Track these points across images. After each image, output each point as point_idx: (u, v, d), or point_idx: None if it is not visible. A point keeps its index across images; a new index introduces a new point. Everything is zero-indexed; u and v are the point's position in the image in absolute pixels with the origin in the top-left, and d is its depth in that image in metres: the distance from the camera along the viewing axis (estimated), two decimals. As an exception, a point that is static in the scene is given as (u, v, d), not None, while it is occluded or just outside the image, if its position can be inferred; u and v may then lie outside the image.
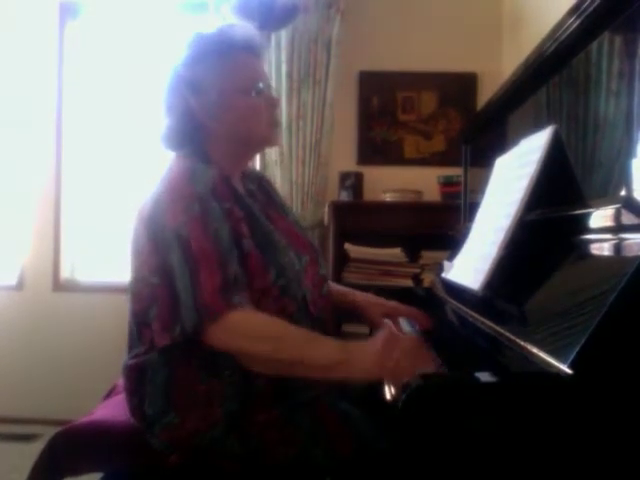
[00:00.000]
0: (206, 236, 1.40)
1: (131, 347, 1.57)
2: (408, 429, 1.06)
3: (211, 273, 1.37)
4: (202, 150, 1.60)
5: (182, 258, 1.38)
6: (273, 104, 1.67)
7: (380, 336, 1.44)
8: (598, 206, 1.26)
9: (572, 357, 0.98)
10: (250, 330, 1.40)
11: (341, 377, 1.39)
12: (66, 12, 3.99)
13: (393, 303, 1.91)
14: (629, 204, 1.14)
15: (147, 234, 1.46)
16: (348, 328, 3.33)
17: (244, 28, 1.63)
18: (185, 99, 1.58)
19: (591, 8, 1.31)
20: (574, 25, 1.41)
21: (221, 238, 1.43)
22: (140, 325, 1.52)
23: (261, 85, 1.63)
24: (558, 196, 1.50)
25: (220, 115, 1.59)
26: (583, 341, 0.98)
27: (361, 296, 1.91)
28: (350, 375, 1.38)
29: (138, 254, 1.50)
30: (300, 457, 1.44)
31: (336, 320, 1.89)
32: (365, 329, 2.95)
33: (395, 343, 1.40)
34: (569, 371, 0.98)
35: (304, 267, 1.62)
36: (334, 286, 1.95)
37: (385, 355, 1.37)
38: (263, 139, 1.68)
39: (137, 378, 1.51)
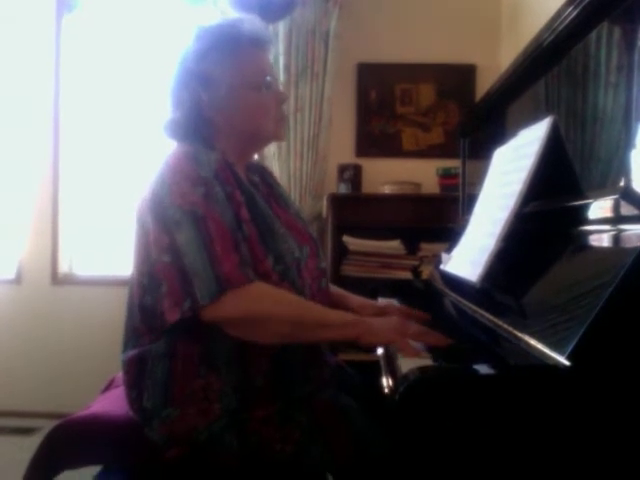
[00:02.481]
0: (218, 216, 1.43)
1: (127, 340, 1.57)
2: (405, 422, 1.06)
3: (228, 250, 1.41)
4: (208, 142, 1.59)
5: (195, 235, 1.40)
6: (282, 99, 1.69)
7: (395, 316, 1.62)
8: (596, 197, 1.26)
9: (570, 349, 0.98)
10: (274, 294, 1.46)
11: (359, 334, 1.45)
12: (62, 5, 3.97)
13: (384, 303, 1.92)
14: (627, 195, 1.13)
15: (152, 214, 1.46)
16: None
17: (252, 22, 1.63)
18: (195, 93, 1.58)
19: (589, -2, 1.31)
20: (572, 15, 1.40)
21: (228, 220, 1.44)
22: (143, 312, 1.51)
23: (269, 79, 1.63)
24: (556, 187, 1.50)
25: (229, 110, 1.60)
26: (581, 333, 0.98)
27: (355, 300, 1.89)
28: (367, 333, 1.46)
29: (145, 235, 1.49)
30: (298, 454, 1.43)
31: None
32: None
33: (409, 322, 1.54)
34: (567, 363, 0.97)
35: (305, 259, 1.62)
36: (333, 288, 1.95)
37: (402, 325, 1.48)
38: (271, 134, 1.68)
39: (137, 371, 1.51)
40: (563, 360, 0.98)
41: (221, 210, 1.44)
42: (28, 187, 3.99)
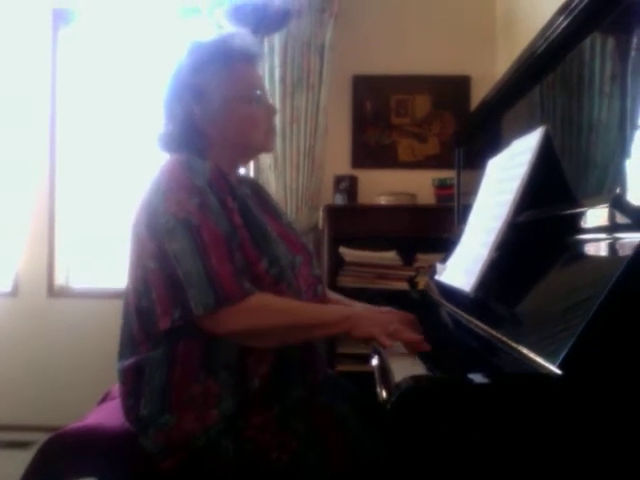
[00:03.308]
0: (213, 226, 1.44)
1: (123, 349, 1.57)
2: (399, 431, 1.06)
3: (223, 261, 1.42)
4: (201, 154, 1.61)
5: (189, 244, 1.41)
6: (272, 112, 1.72)
7: (377, 308, 1.74)
8: (587, 206, 1.27)
9: (562, 358, 0.98)
10: (270, 305, 1.48)
11: (349, 328, 1.49)
12: (59, 18, 3.98)
13: (386, 309, 1.92)
14: (617, 204, 1.14)
15: (145, 221, 1.48)
16: (342, 349, 3.34)
17: (243, 37, 1.67)
18: (188, 106, 1.61)
19: (580, 7, 1.32)
20: (564, 24, 1.42)
21: (223, 228, 1.46)
22: (140, 317, 1.52)
23: (259, 92, 1.67)
24: (548, 197, 1.50)
25: (222, 122, 1.62)
26: (572, 342, 0.98)
27: (357, 306, 1.90)
28: (355, 327, 1.49)
29: (138, 241, 1.51)
30: (295, 462, 1.44)
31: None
32: (359, 349, 2.99)
33: (396, 320, 1.58)
34: (559, 372, 0.97)
35: (298, 267, 1.63)
36: (334, 295, 1.96)
37: (386, 322, 1.52)
38: (261, 146, 1.71)
39: (134, 379, 1.51)
40: (555, 369, 0.98)
41: (216, 219, 1.45)
42: (24, 200, 3.98)
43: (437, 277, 2.00)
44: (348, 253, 3.50)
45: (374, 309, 1.84)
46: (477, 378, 1.05)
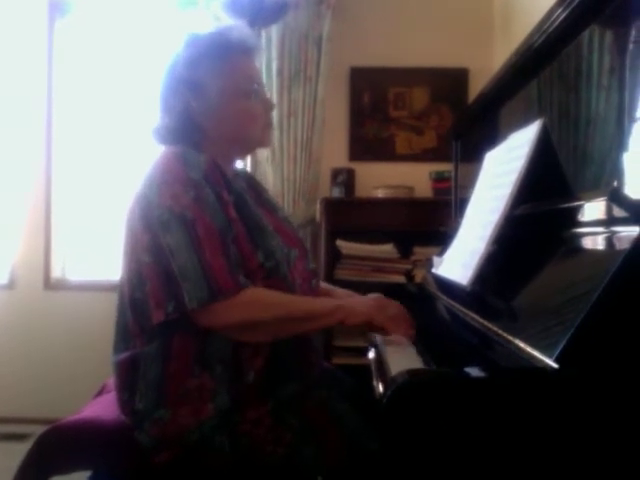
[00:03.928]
0: (208, 219, 1.43)
1: (118, 341, 1.57)
2: (395, 425, 1.06)
3: (217, 255, 1.42)
4: (197, 148, 1.60)
5: (184, 238, 1.41)
6: (270, 107, 1.71)
7: (373, 295, 1.69)
8: (584, 199, 1.26)
9: (558, 352, 0.98)
10: (264, 299, 1.48)
11: (342, 318, 1.53)
12: (55, 10, 3.96)
13: (375, 295, 1.93)
14: (615, 197, 1.13)
15: (140, 214, 1.48)
16: (339, 342, 3.35)
17: (240, 30, 1.65)
18: (184, 99, 1.60)
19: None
20: (562, 17, 1.41)
21: (219, 222, 1.45)
22: (134, 309, 1.51)
23: (256, 86, 1.65)
24: (546, 190, 1.50)
25: (219, 117, 1.61)
26: (569, 336, 0.98)
27: (341, 293, 1.92)
28: (350, 315, 1.53)
29: (132, 234, 1.51)
30: (290, 456, 1.44)
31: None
32: (356, 342, 2.99)
33: (388, 302, 1.63)
34: (555, 365, 0.97)
35: (294, 261, 1.62)
36: (323, 285, 1.96)
37: (381, 305, 1.60)
38: (258, 141, 1.71)
39: (129, 373, 1.50)
40: (552, 362, 0.98)
41: (211, 213, 1.45)
42: (21, 192, 3.97)
43: (434, 270, 2.00)
44: (345, 246, 3.50)
45: (364, 297, 1.85)
46: (474, 372, 1.05)
